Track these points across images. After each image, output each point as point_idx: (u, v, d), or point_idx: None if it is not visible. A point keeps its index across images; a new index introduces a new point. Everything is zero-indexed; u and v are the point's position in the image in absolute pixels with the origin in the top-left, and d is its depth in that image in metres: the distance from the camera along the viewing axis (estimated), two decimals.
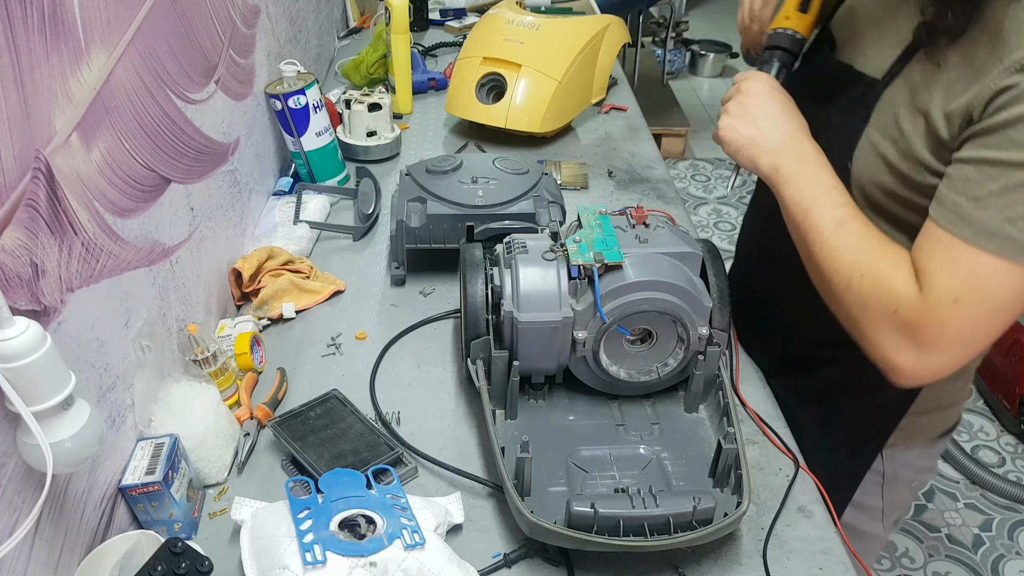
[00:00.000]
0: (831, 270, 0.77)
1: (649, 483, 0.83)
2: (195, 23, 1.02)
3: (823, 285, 0.80)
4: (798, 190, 0.81)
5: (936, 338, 0.71)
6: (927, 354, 0.72)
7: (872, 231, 0.77)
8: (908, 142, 0.78)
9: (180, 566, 0.69)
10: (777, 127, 0.84)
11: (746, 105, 0.86)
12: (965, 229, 0.69)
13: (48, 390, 0.59)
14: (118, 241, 0.78)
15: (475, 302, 0.90)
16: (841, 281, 0.76)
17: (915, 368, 0.73)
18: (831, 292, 0.78)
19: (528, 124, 1.52)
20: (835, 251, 0.77)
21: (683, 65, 4.48)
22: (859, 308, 0.75)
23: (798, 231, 0.81)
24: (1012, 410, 2.18)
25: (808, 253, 0.80)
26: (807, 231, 0.80)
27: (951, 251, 0.70)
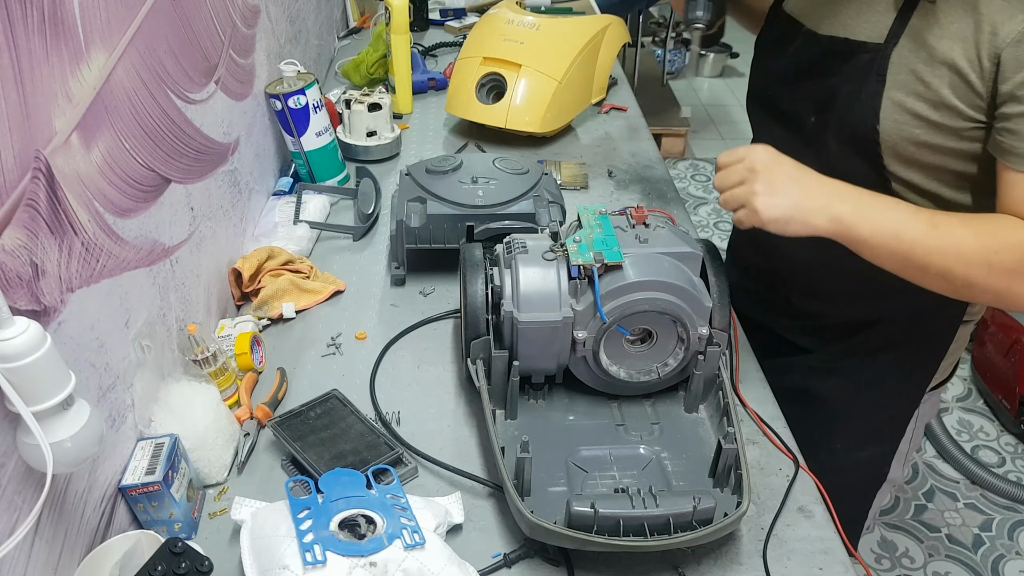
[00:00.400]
0: (961, 267, 0.78)
1: (649, 483, 0.83)
2: (195, 23, 1.02)
3: (955, 283, 0.80)
4: (873, 223, 0.81)
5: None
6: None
7: (960, 215, 0.81)
8: (936, 93, 0.82)
9: (180, 566, 0.69)
10: (808, 184, 0.84)
11: (768, 178, 0.84)
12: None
13: (48, 390, 0.59)
14: (118, 241, 0.78)
15: (475, 302, 0.90)
16: (979, 270, 0.78)
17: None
18: (969, 284, 0.79)
19: (528, 124, 1.52)
20: (954, 248, 0.78)
21: (683, 65, 4.48)
22: (1008, 279, 0.77)
23: (895, 256, 0.81)
24: (1012, 410, 2.18)
25: (922, 268, 0.80)
26: (910, 250, 0.80)
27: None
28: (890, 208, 0.82)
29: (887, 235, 0.80)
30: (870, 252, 0.82)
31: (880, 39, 0.86)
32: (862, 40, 0.88)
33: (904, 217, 0.80)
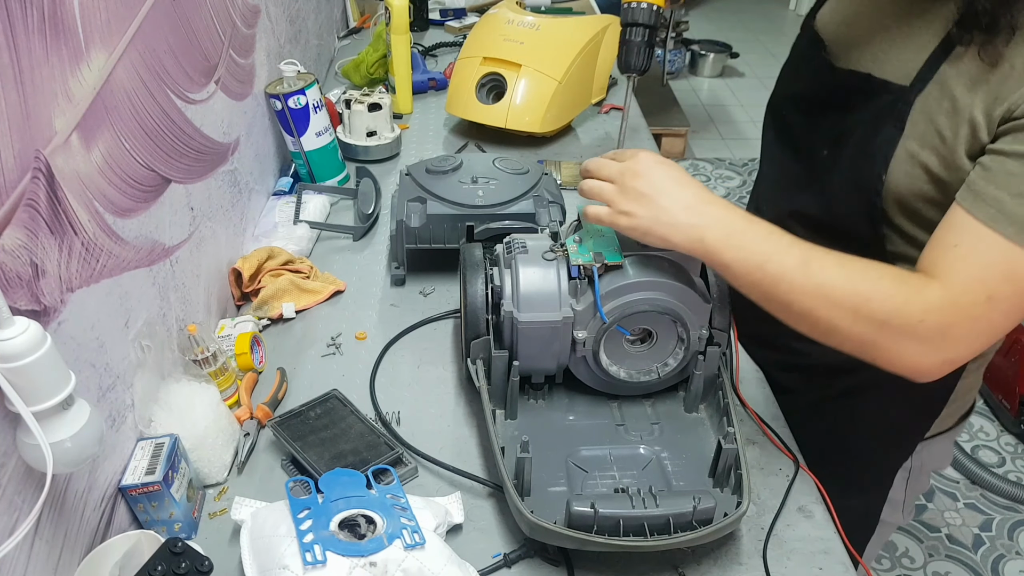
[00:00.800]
0: (825, 309, 0.73)
1: (649, 483, 0.83)
2: (195, 23, 1.02)
3: (818, 327, 0.75)
4: (739, 250, 0.75)
5: (966, 334, 0.71)
6: (954, 351, 0.72)
7: (842, 256, 0.74)
8: (951, 150, 0.76)
9: (180, 566, 0.69)
10: (677, 199, 0.78)
11: (637, 188, 0.79)
12: (1007, 226, 0.67)
13: (48, 390, 0.59)
14: (118, 241, 0.78)
15: (475, 302, 0.90)
16: (844, 315, 0.72)
17: (942, 367, 0.73)
18: (832, 330, 0.74)
19: (528, 124, 1.52)
20: (820, 290, 0.73)
21: (683, 65, 4.48)
22: (875, 331, 0.72)
23: (759, 288, 0.76)
24: (1012, 410, 2.18)
25: (785, 304, 0.75)
26: (773, 284, 0.74)
27: (989, 247, 0.69)
28: (761, 237, 0.76)
29: (751, 265, 0.75)
30: (732, 279, 0.78)
31: (906, 81, 0.79)
32: (886, 80, 0.82)
33: (774, 248, 0.75)
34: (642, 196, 0.79)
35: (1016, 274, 0.68)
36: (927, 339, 0.71)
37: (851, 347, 0.74)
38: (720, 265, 0.77)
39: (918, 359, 0.72)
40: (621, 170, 0.81)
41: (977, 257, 0.70)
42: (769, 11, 5.62)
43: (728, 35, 4.71)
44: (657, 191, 0.78)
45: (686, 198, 0.78)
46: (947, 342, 0.71)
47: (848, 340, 0.74)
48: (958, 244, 0.71)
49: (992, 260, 0.69)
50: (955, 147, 0.76)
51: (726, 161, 3.64)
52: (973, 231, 0.70)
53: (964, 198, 0.71)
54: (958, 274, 0.70)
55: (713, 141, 3.85)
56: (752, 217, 0.78)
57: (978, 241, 0.69)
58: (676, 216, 0.77)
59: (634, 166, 0.80)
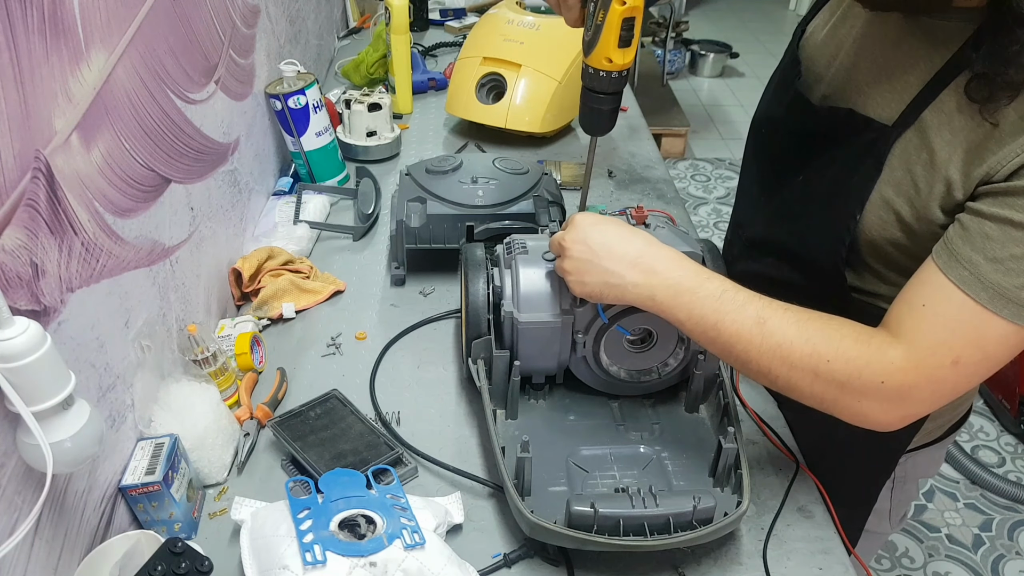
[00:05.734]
0: (784, 369, 0.71)
1: (649, 483, 0.83)
2: (195, 23, 1.02)
3: (776, 384, 0.74)
4: (691, 308, 0.74)
5: (928, 396, 0.70)
6: (914, 409, 0.71)
7: (799, 313, 0.72)
8: (924, 203, 0.74)
9: (180, 566, 0.69)
10: (620, 258, 0.76)
11: (578, 256, 0.78)
12: (980, 291, 0.65)
13: (48, 390, 0.59)
14: (118, 241, 0.78)
15: (477, 302, 0.90)
16: (803, 375, 0.71)
17: (902, 421, 0.72)
18: (791, 388, 0.73)
19: (528, 124, 1.52)
20: (778, 349, 0.71)
21: (683, 65, 4.48)
22: (836, 391, 0.71)
23: (715, 345, 0.75)
24: (1012, 410, 2.18)
25: (744, 363, 0.74)
26: (729, 343, 0.73)
27: (959, 311, 0.66)
28: (713, 295, 0.74)
29: (706, 324, 0.74)
30: (689, 334, 0.77)
31: (888, 120, 0.77)
32: (869, 117, 0.79)
33: (728, 307, 0.73)
34: (586, 263, 0.78)
35: (984, 340, 0.67)
36: (887, 399, 0.70)
37: (812, 403, 0.73)
38: (675, 321, 0.76)
39: (877, 416, 0.71)
40: (560, 240, 0.80)
41: (946, 320, 0.67)
42: (769, 11, 5.62)
43: (728, 35, 4.71)
44: (598, 254, 0.77)
45: (630, 254, 0.77)
46: (908, 402, 0.70)
47: (808, 398, 0.73)
48: (927, 304, 0.69)
49: (961, 324, 0.67)
50: (928, 201, 0.74)
51: (726, 161, 3.64)
52: (944, 292, 0.67)
53: (939, 255, 0.69)
54: (924, 336, 0.68)
55: (713, 141, 3.85)
56: (702, 272, 0.76)
57: (948, 303, 0.67)
58: (623, 276, 0.76)
59: (570, 234, 0.79)
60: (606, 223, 0.80)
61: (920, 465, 1.01)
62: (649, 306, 0.77)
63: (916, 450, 0.98)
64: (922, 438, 0.97)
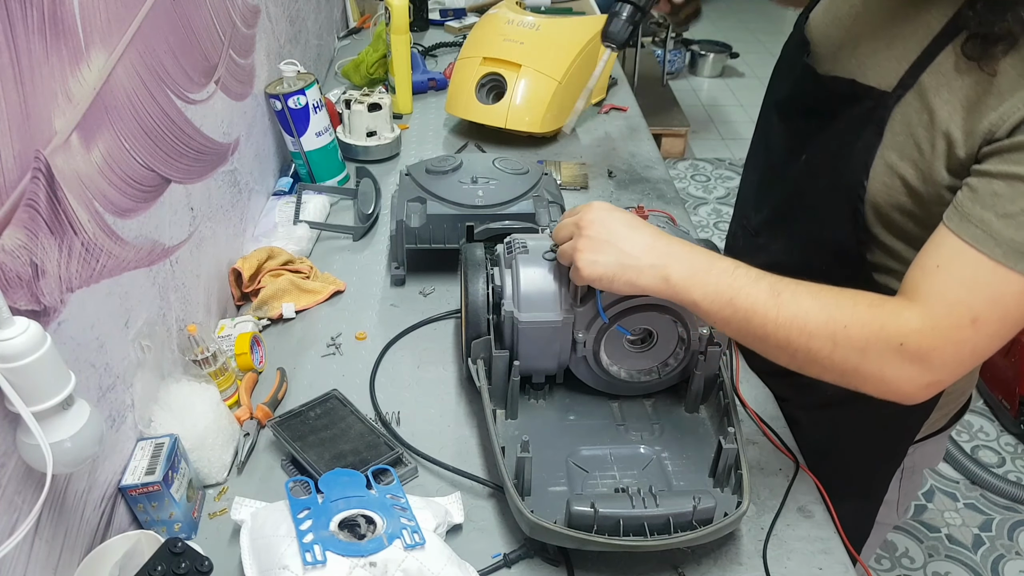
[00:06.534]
0: (803, 339, 0.71)
1: (649, 483, 0.83)
2: (195, 23, 1.02)
3: (796, 358, 0.73)
4: (705, 286, 0.74)
5: (951, 358, 0.69)
6: (938, 374, 0.70)
7: (812, 285, 0.73)
8: (928, 164, 0.75)
9: (180, 566, 0.69)
10: (636, 242, 0.77)
11: (594, 236, 0.78)
12: (994, 247, 0.66)
13: (48, 390, 0.59)
14: (118, 241, 0.78)
15: (477, 301, 0.90)
16: (823, 344, 0.70)
17: (927, 389, 0.71)
18: (812, 360, 0.72)
19: (528, 124, 1.52)
20: (795, 320, 0.71)
21: (683, 65, 4.48)
22: (857, 358, 0.70)
23: (731, 324, 0.74)
24: (1012, 410, 2.18)
25: (760, 338, 0.73)
26: (746, 319, 0.73)
27: (976, 269, 0.67)
28: (727, 272, 0.74)
29: (721, 301, 0.73)
30: (704, 316, 0.76)
31: (888, 87, 0.79)
32: (869, 85, 0.81)
33: (742, 283, 0.73)
34: (603, 243, 0.77)
35: (1003, 297, 0.66)
36: (909, 363, 0.69)
37: (833, 376, 0.73)
38: (690, 303, 0.75)
39: (902, 383, 0.70)
40: (576, 223, 0.80)
41: (961, 278, 0.67)
42: (769, 11, 5.62)
43: (728, 35, 4.71)
44: (616, 236, 0.77)
45: (645, 240, 0.77)
46: (930, 366, 0.69)
47: (830, 369, 0.72)
48: (941, 265, 0.69)
49: (977, 282, 0.67)
50: (932, 161, 0.75)
51: (726, 161, 3.65)
52: (958, 252, 0.68)
53: (950, 218, 0.70)
54: (940, 296, 0.68)
55: (713, 141, 3.85)
56: (714, 254, 0.76)
57: (963, 262, 0.67)
58: (639, 258, 0.76)
59: (588, 215, 0.79)
60: (621, 211, 0.80)
61: (927, 455, 1.03)
62: (662, 289, 0.76)
63: (923, 440, 1.00)
64: (928, 428, 0.98)
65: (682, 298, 0.75)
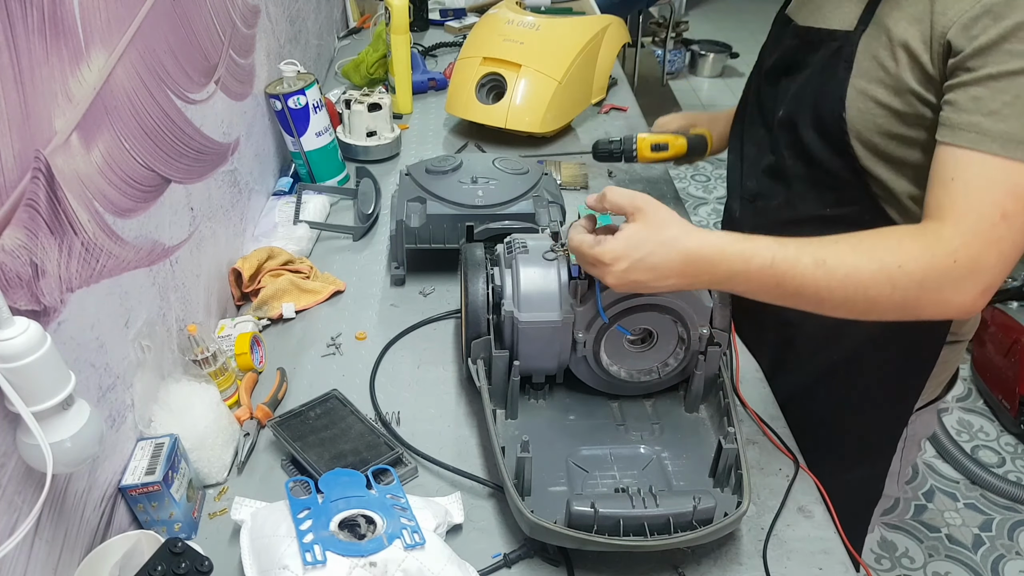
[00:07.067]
0: (860, 292, 0.72)
1: (649, 483, 0.83)
2: (195, 23, 1.02)
3: (856, 309, 0.74)
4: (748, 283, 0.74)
5: (996, 258, 0.71)
6: (989, 278, 0.72)
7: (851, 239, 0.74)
8: (896, 78, 0.80)
9: (180, 566, 0.69)
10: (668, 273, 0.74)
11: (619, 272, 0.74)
12: (990, 144, 0.70)
13: (48, 390, 0.59)
14: (118, 241, 0.78)
15: (476, 301, 0.90)
16: (881, 289, 0.72)
17: (983, 295, 0.73)
18: (872, 307, 0.73)
19: (528, 124, 1.52)
20: (848, 279, 0.72)
21: (683, 65, 4.48)
22: (916, 291, 0.72)
23: (785, 301, 0.75)
24: (1012, 410, 2.18)
25: (818, 304, 0.74)
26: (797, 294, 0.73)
27: (983, 169, 0.70)
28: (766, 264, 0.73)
29: (767, 288, 0.74)
30: (753, 293, 0.76)
31: (850, 27, 0.86)
32: (833, 28, 0.88)
33: (784, 269, 0.72)
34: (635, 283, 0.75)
35: (1019, 187, 0.70)
36: (963, 277, 0.71)
37: (894, 314, 0.75)
38: (736, 293, 0.77)
39: (961, 300, 0.72)
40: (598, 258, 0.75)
41: (977, 182, 0.71)
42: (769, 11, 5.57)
43: (728, 35, 4.71)
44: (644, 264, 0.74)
45: (675, 265, 0.74)
46: (981, 273, 0.71)
47: (890, 309, 0.74)
48: (954, 177, 0.72)
49: (991, 180, 0.70)
50: (899, 74, 0.80)
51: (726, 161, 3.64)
52: (962, 160, 0.72)
53: (943, 135, 0.74)
54: (966, 204, 0.71)
55: None
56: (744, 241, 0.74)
57: (970, 167, 0.71)
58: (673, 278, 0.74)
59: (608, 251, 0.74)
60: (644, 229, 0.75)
61: (924, 424, 1.07)
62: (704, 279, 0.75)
63: (920, 409, 1.04)
64: (927, 395, 1.03)
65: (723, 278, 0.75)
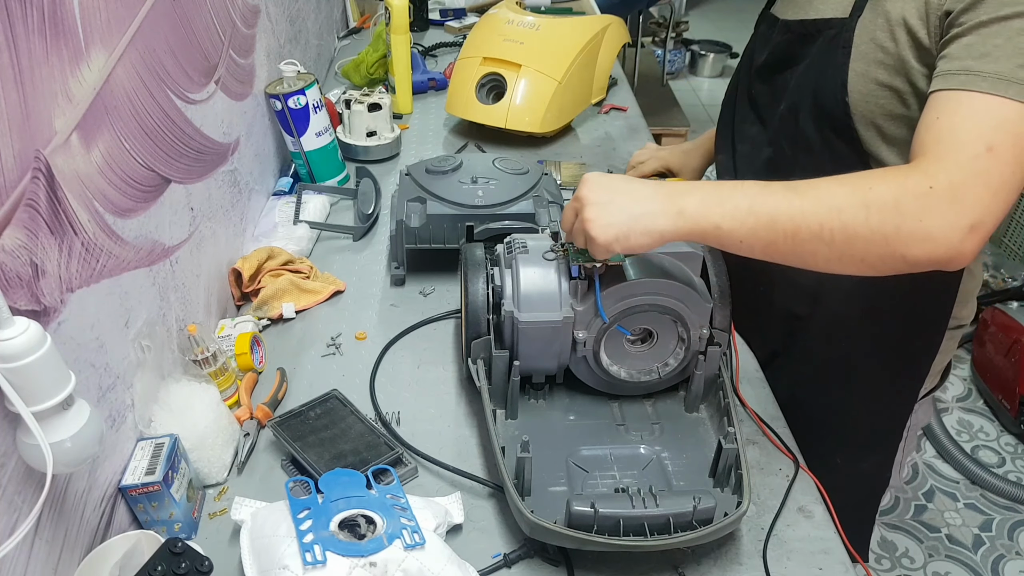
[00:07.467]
0: (834, 216, 0.70)
1: (649, 483, 0.83)
2: (195, 23, 1.02)
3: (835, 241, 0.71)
4: (722, 206, 0.73)
5: (982, 190, 0.68)
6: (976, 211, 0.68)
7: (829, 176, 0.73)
8: (896, 57, 0.80)
9: (180, 566, 0.69)
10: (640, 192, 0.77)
11: (597, 201, 0.77)
12: (980, 82, 0.69)
13: (48, 390, 0.59)
14: (118, 241, 0.78)
15: (476, 301, 0.90)
16: (856, 212, 0.69)
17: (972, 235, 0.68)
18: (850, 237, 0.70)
19: (528, 124, 1.52)
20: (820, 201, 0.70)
21: (683, 65, 4.48)
22: (894, 217, 0.68)
23: (758, 234, 0.73)
24: (1012, 410, 2.18)
25: (791, 235, 0.71)
26: (772, 220, 0.72)
27: (972, 106, 0.69)
28: (739, 187, 0.74)
29: (741, 213, 0.72)
30: (729, 238, 0.74)
31: (844, 14, 0.86)
32: (828, 17, 0.88)
33: (757, 191, 0.73)
34: (608, 204, 0.77)
35: (1007, 122, 0.68)
36: (944, 205, 0.68)
37: (876, 249, 0.70)
38: (711, 227, 0.74)
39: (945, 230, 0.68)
40: (576, 198, 0.80)
41: (963, 118, 0.70)
42: None
43: (728, 35, 4.71)
44: (618, 193, 0.77)
45: (647, 189, 0.77)
46: (964, 203, 0.68)
47: (872, 242, 0.70)
48: (939, 116, 0.71)
49: (977, 114, 0.69)
50: (899, 53, 0.80)
51: None
52: (951, 100, 0.71)
53: (935, 85, 0.73)
54: (950, 136, 0.70)
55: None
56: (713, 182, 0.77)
57: (959, 105, 0.70)
58: (647, 205, 0.75)
59: (584, 188, 0.79)
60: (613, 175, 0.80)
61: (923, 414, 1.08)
62: (680, 224, 0.74)
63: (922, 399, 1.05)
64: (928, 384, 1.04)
65: (702, 227, 0.74)
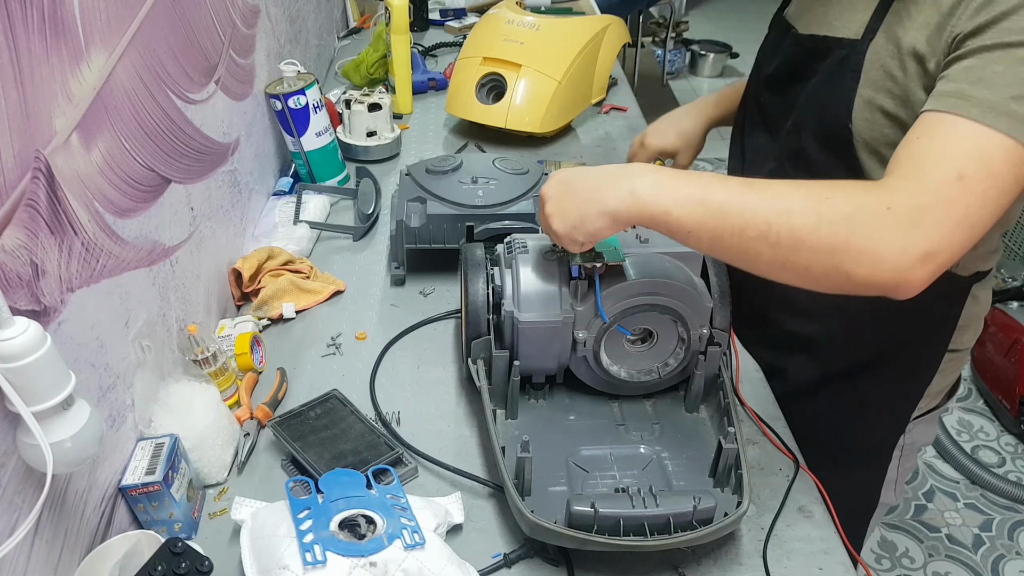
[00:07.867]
0: (784, 220, 0.66)
1: (649, 483, 0.83)
2: (195, 23, 1.02)
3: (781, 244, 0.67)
4: (675, 191, 0.71)
5: (944, 218, 0.64)
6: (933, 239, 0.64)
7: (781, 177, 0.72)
8: (904, 88, 0.79)
9: (180, 566, 0.69)
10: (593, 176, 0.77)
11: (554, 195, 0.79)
12: (970, 108, 0.66)
13: (48, 390, 0.59)
14: (118, 241, 0.78)
15: (476, 301, 0.90)
16: (806, 220, 0.66)
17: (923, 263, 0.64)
18: (797, 243, 0.66)
19: (528, 124, 1.52)
20: (773, 201, 0.67)
21: (683, 65, 4.48)
22: (845, 229, 0.65)
23: (707, 226, 0.70)
24: (1012, 410, 2.18)
25: (739, 231, 0.68)
26: (721, 213, 0.69)
27: (955, 131, 0.66)
28: (697, 177, 0.72)
29: (692, 201, 0.69)
30: (678, 226, 0.71)
31: (857, 35, 0.84)
32: (839, 37, 0.86)
33: (712, 181, 0.70)
34: (563, 195, 0.78)
35: (985, 152, 0.65)
36: (900, 228, 0.64)
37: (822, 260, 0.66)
38: (660, 212, 0.71)
39: (895, 253, 0.64)
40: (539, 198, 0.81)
41: (943, 140, 0.67)
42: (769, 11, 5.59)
43: (728, 35, 4.71)
44: (572, 184, 0.78)
45: (600, 172, 0.77)
46: (922, 229, 0.64)
47: (817, 251, 0.66)
48: (920, 136, 0.69)
49: (958, 139, 0.66)
50: (907, 84, 0.78)
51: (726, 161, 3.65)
52: (936, 121, 0.68)
53: (927, 104, 0.71)
54: (924, 156, 0.67)
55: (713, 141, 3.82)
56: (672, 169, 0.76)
57: (941, 127, 0.68)
58: (600, 187, 0.75)
59: (545, 185, 0.81)
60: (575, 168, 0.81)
61: (922, 433, 1.06)
62: (631, 204, 0.73)
63: (918, 418, 1.02)
64: (927, 404, 1.01)
65: (651, 211, 0.72)
